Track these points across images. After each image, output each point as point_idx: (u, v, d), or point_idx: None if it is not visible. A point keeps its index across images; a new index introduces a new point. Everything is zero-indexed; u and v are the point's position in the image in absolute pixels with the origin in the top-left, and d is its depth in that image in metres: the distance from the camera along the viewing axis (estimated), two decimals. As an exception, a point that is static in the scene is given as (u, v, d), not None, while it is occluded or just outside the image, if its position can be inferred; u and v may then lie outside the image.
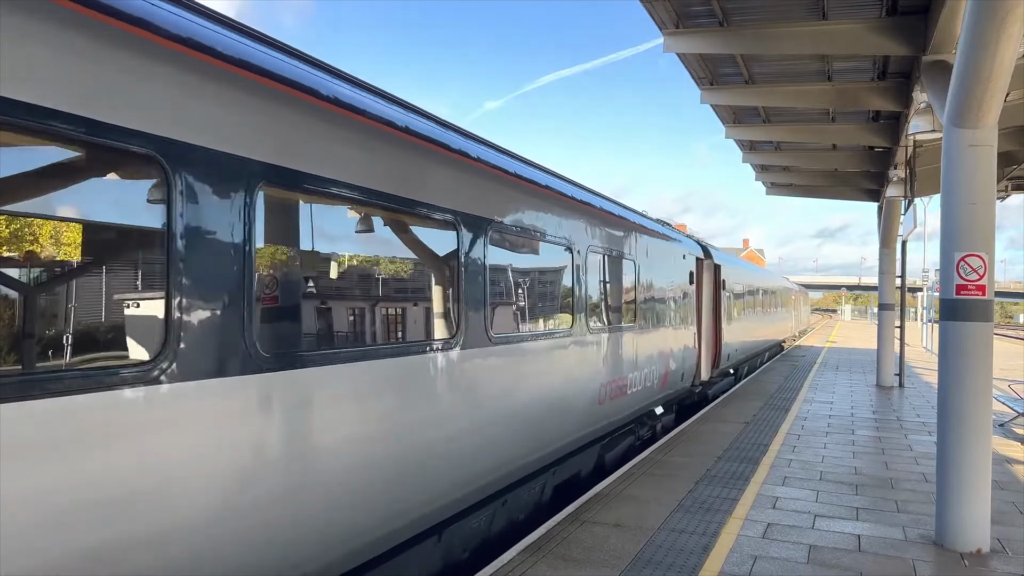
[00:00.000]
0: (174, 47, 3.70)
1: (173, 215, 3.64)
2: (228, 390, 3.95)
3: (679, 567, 6.21)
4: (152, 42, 3.57)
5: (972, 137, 6.76)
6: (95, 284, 3.76)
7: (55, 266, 3.60)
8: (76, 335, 3.47)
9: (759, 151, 20.17)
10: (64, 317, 3.54)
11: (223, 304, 3.91)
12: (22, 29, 3.02)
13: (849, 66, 13.02)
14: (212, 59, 3.91)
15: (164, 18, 3.73)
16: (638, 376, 11.48)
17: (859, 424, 13.68)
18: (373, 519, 5.12)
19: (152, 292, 3.65)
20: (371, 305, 5.63)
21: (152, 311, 3.64)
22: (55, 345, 3.43)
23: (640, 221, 12.39)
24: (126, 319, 3.73)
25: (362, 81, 5.62)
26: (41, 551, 3.09)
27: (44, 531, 3.10)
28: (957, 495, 6.80)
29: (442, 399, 5.98)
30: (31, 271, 3.48)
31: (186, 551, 3.69)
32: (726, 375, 20.40)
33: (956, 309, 6.85)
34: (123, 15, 3.45)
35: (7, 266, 3.34)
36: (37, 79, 3.06)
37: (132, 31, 3.47)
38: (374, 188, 5.18)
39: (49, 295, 3.59)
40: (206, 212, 3.80)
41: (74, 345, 3.43)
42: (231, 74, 4.02)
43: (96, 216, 3.69)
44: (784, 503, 8.20)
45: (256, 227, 4.14)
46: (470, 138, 7.03)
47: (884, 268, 20.69)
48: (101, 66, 3.29)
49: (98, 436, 3.29)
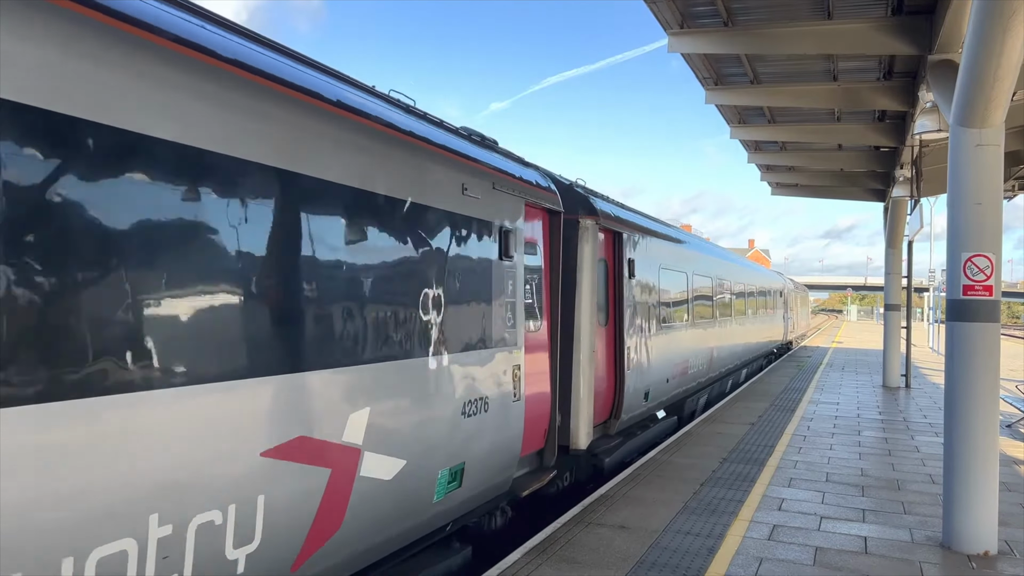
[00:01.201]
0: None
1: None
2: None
3: (684, 569, 6.18)
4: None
5: (979, 137, 6.73)
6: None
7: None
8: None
9: (764, 151, 20.10)
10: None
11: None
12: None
13: (854, 66, 12.96)
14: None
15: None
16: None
17: (865, 425, 13.62)
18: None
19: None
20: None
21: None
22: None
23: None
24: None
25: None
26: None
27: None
28: (964, 497, 6.76)
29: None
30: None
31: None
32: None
33: (963, 310, 6.81)
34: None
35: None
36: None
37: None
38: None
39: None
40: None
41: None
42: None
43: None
44: (790, 505, 8.17)
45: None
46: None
47: (890, 268, 20.64)
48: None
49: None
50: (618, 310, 10.36)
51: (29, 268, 2.97)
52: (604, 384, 9.91)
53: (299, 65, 4.90)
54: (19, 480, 2.88)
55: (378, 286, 5.11)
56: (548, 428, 8.18)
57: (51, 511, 2.99)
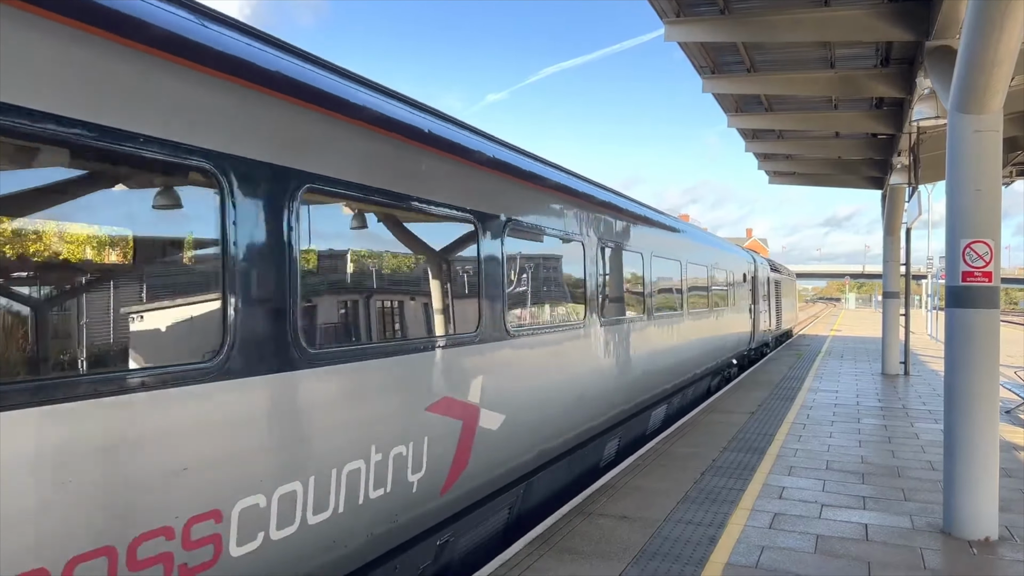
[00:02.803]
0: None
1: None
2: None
3: (686, 559, 6.19)
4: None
5: (977, 123, 6.70)
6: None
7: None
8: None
9: (761, 140, 20.07)
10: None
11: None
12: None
13: (852, 53, 12.92)
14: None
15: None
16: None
17: (865, 413, 13.64)
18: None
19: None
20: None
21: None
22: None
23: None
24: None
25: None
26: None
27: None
28: (964, 483, 6.77)
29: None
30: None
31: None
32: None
33: (962, 296, 6.80)
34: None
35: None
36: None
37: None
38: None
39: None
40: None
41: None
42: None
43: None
44: (791, 493, 8.18)
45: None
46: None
47: (888, 256, 20.63)
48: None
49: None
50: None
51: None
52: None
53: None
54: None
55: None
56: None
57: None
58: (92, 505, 3.23)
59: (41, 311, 3.49)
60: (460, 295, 6.54)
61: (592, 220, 9.43)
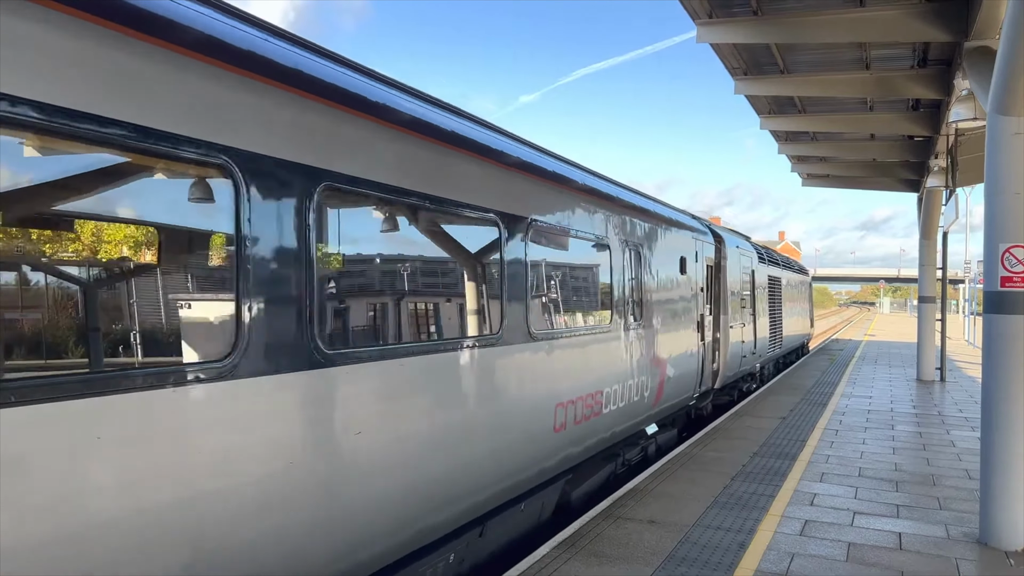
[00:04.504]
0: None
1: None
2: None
3: (715, 564, 6.14)
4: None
5: (1017, 125, 6.57)
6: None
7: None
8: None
9: (795, 142, 19.82)
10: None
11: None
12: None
13: (888, 54, 12.71)
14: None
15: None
16: None
17: (899, 419, 13.41)
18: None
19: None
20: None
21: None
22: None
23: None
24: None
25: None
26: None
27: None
28: (1002, 492, 6.63)
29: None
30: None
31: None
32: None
33: (1001, 302, 6.68)
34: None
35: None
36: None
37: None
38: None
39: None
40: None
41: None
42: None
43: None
44: (822, 500, 8.07)
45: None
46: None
47: (924, 260, 20.27)
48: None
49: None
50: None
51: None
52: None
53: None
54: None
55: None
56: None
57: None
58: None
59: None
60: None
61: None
